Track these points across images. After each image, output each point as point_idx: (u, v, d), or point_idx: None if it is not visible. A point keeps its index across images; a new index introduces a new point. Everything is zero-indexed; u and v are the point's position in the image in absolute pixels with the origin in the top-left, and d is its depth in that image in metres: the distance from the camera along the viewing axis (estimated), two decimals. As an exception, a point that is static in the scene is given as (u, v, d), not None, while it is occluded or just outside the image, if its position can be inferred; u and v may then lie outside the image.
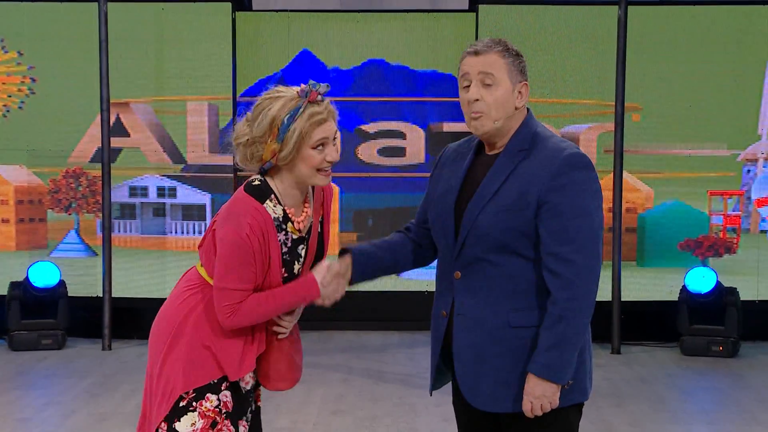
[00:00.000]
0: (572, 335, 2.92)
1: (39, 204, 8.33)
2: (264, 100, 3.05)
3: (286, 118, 2.98)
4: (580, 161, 2.96)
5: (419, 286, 8.46)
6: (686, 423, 6.05)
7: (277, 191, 3.08)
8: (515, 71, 3.03)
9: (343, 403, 6.37)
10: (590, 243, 2.93)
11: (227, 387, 3.13)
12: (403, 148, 8.49)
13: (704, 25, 8.08)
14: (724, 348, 7.63)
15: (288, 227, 3.10)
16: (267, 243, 3.03)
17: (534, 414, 2.95)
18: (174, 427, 3.08)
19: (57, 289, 7.89)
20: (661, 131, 8.15)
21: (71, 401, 6.39)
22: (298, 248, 3.14)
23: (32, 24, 8.19)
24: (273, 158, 3.03)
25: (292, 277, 3.13)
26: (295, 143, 2.99)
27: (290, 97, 3.01)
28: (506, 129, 3.04)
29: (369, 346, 8.03)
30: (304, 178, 3.07)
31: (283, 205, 3.09)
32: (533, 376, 2.93)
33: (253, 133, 3.04)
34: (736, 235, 8.20)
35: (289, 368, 3.23)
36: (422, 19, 8.43)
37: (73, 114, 8.21)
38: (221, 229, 3.03)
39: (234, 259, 3.00)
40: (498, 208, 2.97)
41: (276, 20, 8.40)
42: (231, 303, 3.03)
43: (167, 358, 3.11)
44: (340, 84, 8.45)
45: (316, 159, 3.03)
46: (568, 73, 8.08)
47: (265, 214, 3.03)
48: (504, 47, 3.04)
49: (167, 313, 3.17)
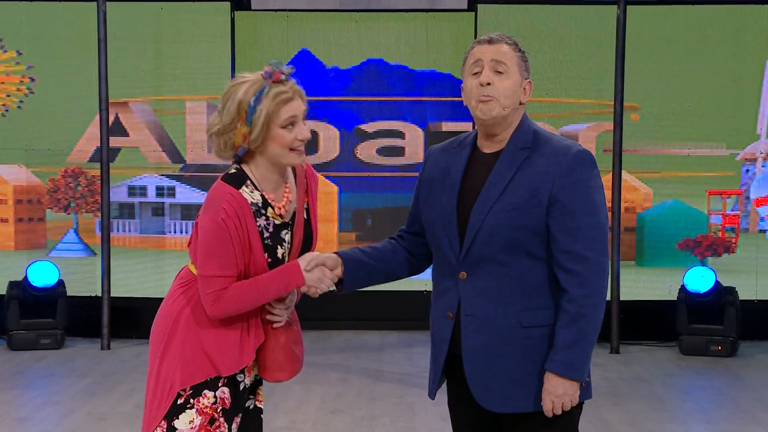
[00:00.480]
0: (590, 332, 2.94)
1: (38, 203, 8.33)
2: (230, 87, 3.09)
3: (252, 100, 3.03)
4: (588, 159, 3.00)
5: (418, 285, 8.45)
6: (685, 422, 6.05)
7: (253, 177, 3.11)
8: (523, 67, 3.06)
9: (342, 402, 6.37)
10: (600, 239, 2.97)
11: (225, 383, 3.13)
12: (402, 147, 8.49)
13: (703, 25, 8.08)
14: (722, 347, 7.64)
15: (268, 212, 3.11)
16: (244, 228, 3.04)
17: (555, 413, 2.96)
18: (173, 425, 3.09)
19: (56, 288, 7.89)
20: (660, 131, 8.15)
21: (70, 400, 6.39)
22: (281, 233, 3.14)
23: (31, 23, 8.19)
24: (244, 142, 3.06)
25: (277, 263, 3.13)
26: (263, 124, 3.02)
27: (254, 80, 3.05)
28: (509, 121, 3.05)
29: (367, 345, 8.03)
30: (277, 159, 3.09)
31: (261, 191, 3.11)
32: (554, 375, 2.94)
33: (223, 121, 3.08)
34: (734, 235, 8.20)
35: (287, 359, 3.23)
36: (421, 18, 8.43)
37: (71, 113, 8.21)
38: (200, 219, 3.08)
39: (213, 246, 3.02)
40: (508, 206, 2.97)
41: (275, 20, 8.40)
42: (214, 290, 3.04)
43: (164, 356, 3.12)
44: (339, 83, 8.45)
45: (286, 138, 3.06)
46: (567, 73, 8.09)
47: (240, 198, 3.05)
48: (515, 42, 3.07)
49: (162, 313, 3.19)
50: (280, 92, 3.03)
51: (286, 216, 3.17)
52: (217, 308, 3.06)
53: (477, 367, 3.03)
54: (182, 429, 3.08)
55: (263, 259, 3.09)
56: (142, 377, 6.89)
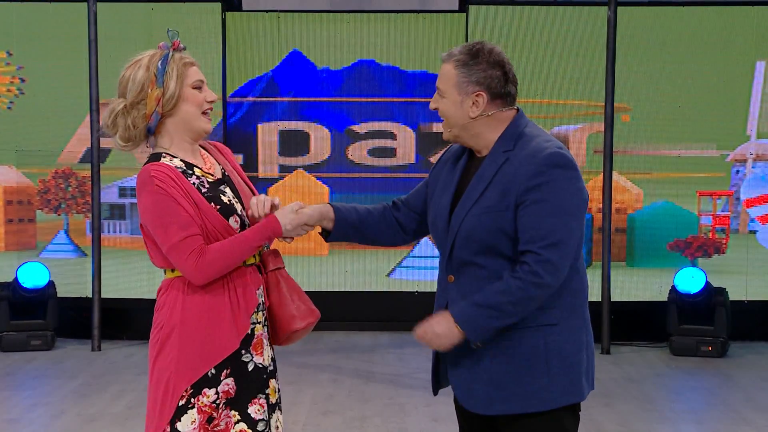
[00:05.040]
0: (508, 311, 2.91)
1: (28, 204, 8.31)
2: (126, 70, 3.15)
3: (159, 63, 3.11)
4: (560, 160, 2.94)
5: (409, 286, 8.47)
6: (675, 422, 6.06)
7: (168, 150, 3.14)
8: (466, 82, 3.01)
9: (333, 403, 6.37)
10: (563, 242, 2.91)
11: (228, 374, 3.11)
12: (393, 148, 8.49)
13: (693, 26, 8.10)
14: (713, 348, 7.65)
15: (196, 171, 3.14)
16: (181, 186, 3.05)
17: (419, 338, 3.02)
18: (176, 428, 3.07)
19: (46, 289, 7.87)
20: (651, 132, 8.17)
21: (60, 402, 6.37)
22: (219, 187, 3.16)
23: (21, 24, 8.17)
24: (158, 105, 3.10)
25: (228, 210, 3.11)
26: (176, 83, 3.10)
27: (153, 53, 3.15)
28: (474, 134, 3.05)
29: (359, 346, 8.03)
30: (190, 120, 3.14)
31: (180, 157, 3.15)
32: (448, 314, 2.97)
33: (128, 98, 3.11)
34: (725, 236, 8.22)
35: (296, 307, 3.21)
36: (412, 19, 8.43)
37: (62, 114, 8.20)
38: (139, 209, 3.09)
39: (164, 214, 3.02)
40: (481, 210, 2.98)
41: (266, 20, 8.40)
42: (189, 251, 3.01)
43: (158, 360, 3.11)
44: (330, 84, 8.45)
45: (198, 98, 3.14)
46: (558, 74, 8.10)
47: (163, 165, 3.08)
48: (463, 56, 3.03)
49: (155, 323, 3.17)
50: (183, 56, 3.16)
51: (217, 174, 3.20)
52: (201, 271, 3.03)
53: (459, 369, 3.06)
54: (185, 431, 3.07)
55: (210, 208, 3.08)
56: (133, 378, 6.90)
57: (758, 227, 8.21)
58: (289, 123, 8.48)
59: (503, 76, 3.02)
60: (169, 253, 3.04)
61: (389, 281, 8.47)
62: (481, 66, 3.01)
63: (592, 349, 3.14)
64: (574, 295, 3.03)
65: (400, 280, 8.48)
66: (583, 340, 3.07)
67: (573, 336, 3.03)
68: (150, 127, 3.13)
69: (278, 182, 8.45)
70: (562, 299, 3.00)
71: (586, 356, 3.08)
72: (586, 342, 3.09)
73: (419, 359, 7.53)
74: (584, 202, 3.00)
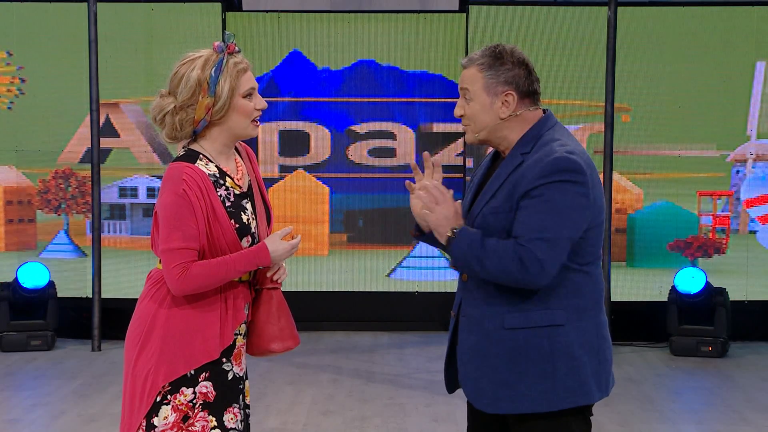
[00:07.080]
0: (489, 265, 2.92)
1: (28, 205, 8.31)
2: (180, 67, 3.15)
3: (213, 71, 3.09)
4: (564, 164, 2.96)
5: (409, 287, 8.47)
6: (675, 423, 6.06)
7: (206, 152, 3.14)
8: (495, 83, 3.05)
9: (333, 403, 6.37)
10: (553, 241, 2.91)
11: (207, 377, 3.12)
12: (394, 148, 8.49)
13: (693, 26, 8.10)
14: (713, 348, 7.65)
15: (227, 183, 3.14)
16: (207, 199, 3.06)
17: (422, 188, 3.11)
18: (152, 422, 3.11)
19: (46, 289, 7.87)
20: (651, 132, 8.17)
21: (60, 402, 6.37)
22: (242, 202, 3.17)
23: (21, 24, 8.17)
24: (207, 114, 3.09)
25: (244, 230, 3.12)
26: (228, 93, 3.08)
27: (208, 55, 3.13)
28: (502, 135, 3.08)
29: (359, 346, 8.03)
30: (239, 130, 3.14)
31: (216, 163, 3.14)
32: (460, 221, 3.03)
33: (178, 99, 3.11)
34: (725, 236, 8.22)
35: (279, 328, 3.24)
36: (412, 19, 8.43)
37: (62, 114, 8.20)
38: (159, 200, 3.08)
39: (176, 218, 3.03)
40: (489, 210, 3.01)
41: (266, 21, 8.40)
42: (179, 263, 3.03)
43: (141, 356, 3.12)
44: (331, 85, 8.45)
45: (248, 108, 3.13)
46: (558, 74, 8.09)
47: (198, 171, 3.08)
48: (487, 59, 3.06)
49: (137, 315, 3.19)
50: (238, 62, 3.14)
51: (244, 186, 3.20)
52: (182, 282, 3.04)
53: (468, 368, 3.07)
54: (159, 426, 3.09)
55: (230, 225, 3.09)
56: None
57: (758, 227, 8.21)
58: (289, 123, 8.48)
59: (528, 75, 3.11)
60: (163, 253, 3.07)
61: (389, 281, 8.47)
62: (507, 66, 3.07)
63: (606, 355, 3.11)
64: (582, 297, 3.02)
65: (400, 280, 8.48)
66: (593, 344, 3.05)
67: (581, 338, 3.02)
68: (196, 131, 3.14)
69: (278, 182, 8.45)
70: (567, 300, 3.00)
71: (598, 360, 3.07)
72: (597, 346, 3.07)
73: (419, 359, 7.53)
74: (586, 207, 2.98)
